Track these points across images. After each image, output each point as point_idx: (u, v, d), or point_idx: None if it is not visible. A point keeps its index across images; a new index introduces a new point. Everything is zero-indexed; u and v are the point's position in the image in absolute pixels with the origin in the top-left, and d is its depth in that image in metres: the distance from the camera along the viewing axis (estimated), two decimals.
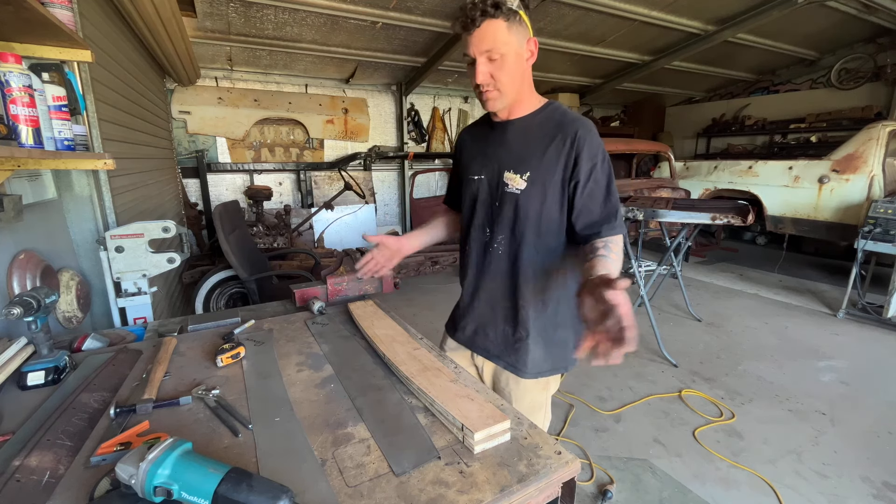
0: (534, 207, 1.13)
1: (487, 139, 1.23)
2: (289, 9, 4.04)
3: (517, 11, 1.03)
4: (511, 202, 1.15)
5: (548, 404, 1.32)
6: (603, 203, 1.10)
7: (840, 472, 2.05)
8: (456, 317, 1.39)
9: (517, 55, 1.06)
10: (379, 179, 6.74)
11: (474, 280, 1.28)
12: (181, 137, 5.30)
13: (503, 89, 1.08)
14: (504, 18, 1.01)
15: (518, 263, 1.18)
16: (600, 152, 1.10)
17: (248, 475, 0.62)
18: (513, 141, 1.16)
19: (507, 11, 1.01)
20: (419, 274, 4.69)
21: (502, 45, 1.03)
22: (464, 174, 1.28)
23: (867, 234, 3.63)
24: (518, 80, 1.10)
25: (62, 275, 1.58)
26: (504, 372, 1.27)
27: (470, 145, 1.30)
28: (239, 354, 1.13)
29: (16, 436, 0.82)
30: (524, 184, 1.13)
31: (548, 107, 1.17)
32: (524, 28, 1.06)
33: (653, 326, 3.17)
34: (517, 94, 1.12)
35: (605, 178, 1.10)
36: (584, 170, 1.08)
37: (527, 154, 1.13)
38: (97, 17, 2.05)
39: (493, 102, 1.11)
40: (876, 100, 6.16)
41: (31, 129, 1.14)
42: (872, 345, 3.38)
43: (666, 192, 5.26)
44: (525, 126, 1.16)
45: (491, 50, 1.03)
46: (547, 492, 0.75)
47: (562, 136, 1.10)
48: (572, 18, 4.75)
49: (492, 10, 1.00)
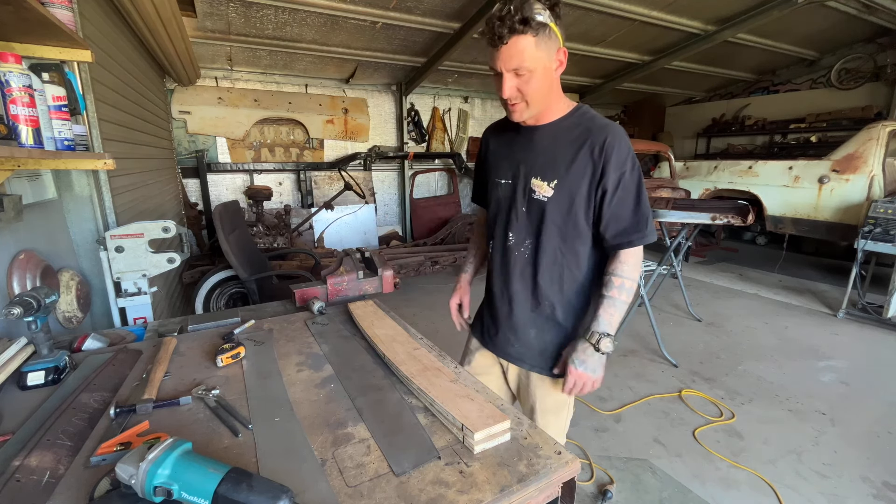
0: (560, 215, 1.13)
1: (514, 142, 1.21)
2: (289, 9, 4.04)
3: (547, 24, 0.98)
4: (538, 209, 1.15)
5: (571, 400, 1.34)
6: (633, 211, 1.09)
7: (840, 472, 2.04)
8: (482, 318, 1.39)
9: (546, 69, 1.03)
10: (379, 179, 6.74)
11: (500, 282, 1.28)
12: (181, 137, 5.30)
13: (531, 102, 1.07)
14: (533, 34, 0.97)
15: (543, 268, 1.18)
16: (629, 159, 1.07)
17: (248, 475, 0.62)
18: (540, 146, 1.15)
19: (536, 26, 0.96)
20: (419, 274, 4.69)
21: (530, 62, 0.99)
22: (489, 174, 1.28)
23: (867, 234, 3.63)
24: (546, 91, 1.07)
25: (62, 275, 1.58)
26: (529, 373, 1.28)
27: (496, 146, 1.28)
28: (239, 354, 1.13)
29: (16, 436, 0.82)
30: (551, 191, 1.12)
31: (577, 111, 1.14)
32: (554, 39, 1.01)
33: (653, 326, 3.17)
34: (545, 105, 1.11)
35: (634, 185, 1.09)
36: (611, 179, 1.07)
37: (554, 161, 1.12)
38: (97, 17, 2.05)
39: (519, 114, 1.10)
40: (876, 100, 6.16)
41: (31, 129, 1.14)
42: (872, 345, 3.38)
43: (666, 192, 5.26)
44: (553, 131, 1.14)
45: (519, 67, 1.00)
46: (547, 492, 0.75)
47: (590, 143, 1.08)
48: (572, 18, 4.75)
49: (520, 26, 0.95)
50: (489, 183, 1.28)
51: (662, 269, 3.68)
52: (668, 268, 4.16)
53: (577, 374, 1.12)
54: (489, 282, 1.34)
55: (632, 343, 3.42)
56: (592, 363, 1.11)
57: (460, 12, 4.51)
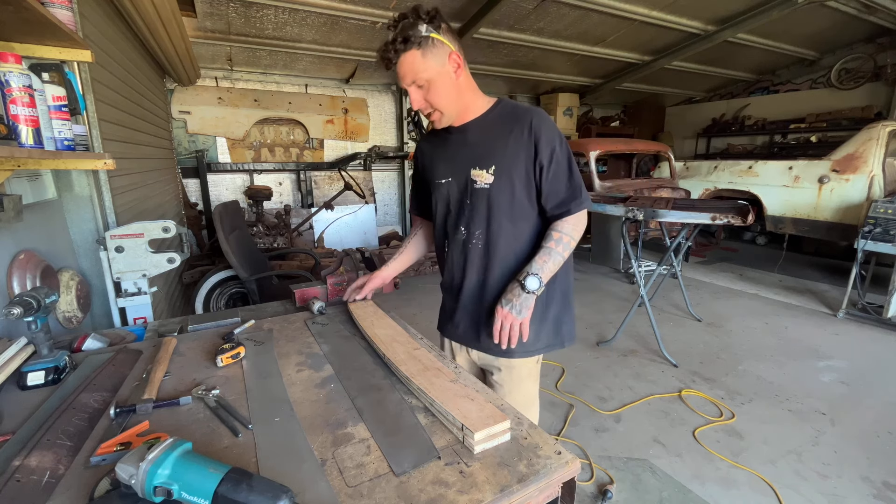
0: (505, 198, 1.19)
1: (447, 144, 1.28)
2: (289, 9, 4.04)
3: (428, 36, 1.07)
4: (483, 197, 1.21)
5: (537, 396, 1.40)
6: (567, 182, 1.18)
7: (840, 472, 2.04)
8: (444, 318, 1.43)
9: (442, 75, 1.11)
10: (379, 179, 6.74)
11: (458, 278, 1.32)
12: (181, 137, 5.31)
13: (443, 109, 1.15)
14: (416, 48, 1.06)
15: (497, 253, 1.24)
16: (557, 136, 1.17)
17: (248, 475, 0.62)
18: (473, 140, 1.22)
19: (417, 41, 1.06)
20: (419, 274, 4.69)
21: (422, 73, 1.09)
22: (430, 179, 1.33)
23: (867, 234, 3.62)
24: (454, 95, 1.15)
25: (62, 275, 1.58)
26: (496, 363, 1.32)
27: (431, 152, 1.34)
28: (239, 354, 1.13)
29: (16, 436, 0.82)
30: (491, 177, 1.19)
31: (498, 104, 1.23)
32: (443, 47, 1.09)
33: (653, 326, 3.17)
34: (460, 106, 1.18)
35: (565, 158, 1.18)
36: (545, 154, 1.15)
37: (489, 149, 1.19)
38: (97, 17, 2.05)
39: (438, 122, 1.20)
40: (876, 100, 6.16)
41: (31, 129, 1.14)
42: (872, 345, 3.38)
43: (666, 192, 5.26)
44: (480, 125, 1.22)
45: (414, 80, 1.10)
46: (547, 492, 0.75)
47: (518, 126, 1.16)
48: (572, 18, 4.76)
49: (402, 45, 1.06)
50: (431, 186, 1.33)
51: (662, 269, 3.68)
52: (668, 268, 4.17)
53: (501, 314, 1.17)
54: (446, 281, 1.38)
55: (632, 343, 3.42)
56: (518, 303, 1.15)
57: (460, 12, 4.52)
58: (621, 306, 4.08)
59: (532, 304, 1.16)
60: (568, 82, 6.95)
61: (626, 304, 3.95)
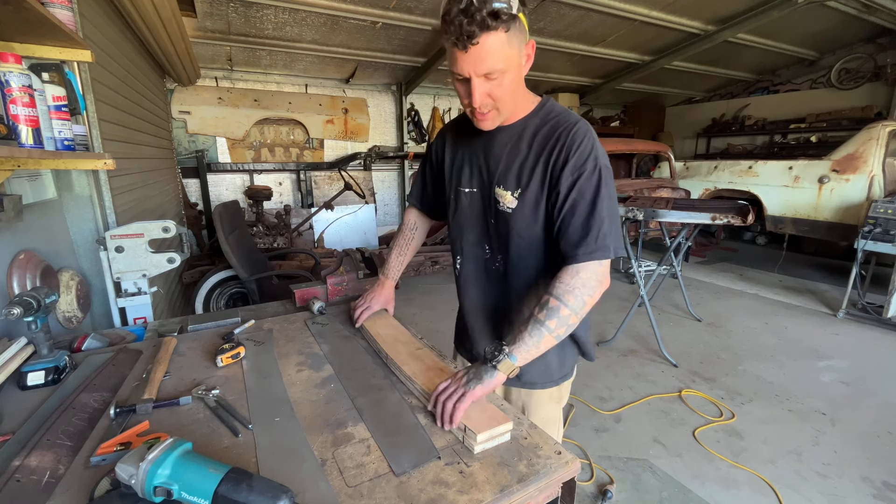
0: (526, 227, 1.02)
1: (474, 146, 1.10)
2: (289, 9, 4.04)
3: (516, 16, 0.84)
4: (504, 220, 1.05)
5: (561, 418, 1.24)
6: (585, 219, 0.92)
7: (840, 472, 2.04)
8: (462, 335, 1.31)
9: (518, 67, 0.91)
10: (379, 179, 6.74)
11: (477, 298, 1.19)
12: (181, 137, 5.31)
13: (501, 108, 0.95)
14: (504, 29, 0.83)
15: (519, 280, 1.08)
16: (590, 162, 0.93)
17: (248, 475, 0.62)
18: (503, 151, 1.03)
19: (507, 20, 0.82)
20: (419, 274, 4.69)
21: (504, 62, 0.86)
22: (451, 182, 1.18)
23: (867, 234, 3.63)
24: (516, 92, 0.96)
25: (62, 275, 1.58)
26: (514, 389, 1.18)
27: (455, 150, 1.17)
28: (239, 354, 1.13)
29: (16, 436, 0.82)
30: (515, 202, 1.01)
31: (541, 109, 1.03)
32: (523, 32, 0.88)
33: (653, 326, 3.17)
34: (515, 107, 1.00)
35: (592, 191, 0.93)
36: (566, 180, 0.94)
37: (516, 168, 1.01)
38: (97, 17, 2.05)
39: (491, 123, 0.98)
40: (876, 100, 6.16)
41: (31, 129, 1.14)
42: (872, 345, 3.38)
43: (666, 192, 5.27)
44: (517, 133, 1.02)
45: (491, 70, 0.87)
46: (547, 492, 0.75)
47: (552, 144, 0.97)
48: (572, 18, 4.75)
49: (491, 20, 0.80)
50: (451, 189, 1.18)
51: (662, 269, 3.68)
52: (668, 268, 4.17)
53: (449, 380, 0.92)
54: (462, 296, 1.23)
55: (632, 343, 3.42)
56: (476, 372, 0.90)
57: None
58: (621, 306, 4.08)
59: (491, 388, 0.88)
60: (568, 82, 6.95)
61: (626, 304, 3.95)
